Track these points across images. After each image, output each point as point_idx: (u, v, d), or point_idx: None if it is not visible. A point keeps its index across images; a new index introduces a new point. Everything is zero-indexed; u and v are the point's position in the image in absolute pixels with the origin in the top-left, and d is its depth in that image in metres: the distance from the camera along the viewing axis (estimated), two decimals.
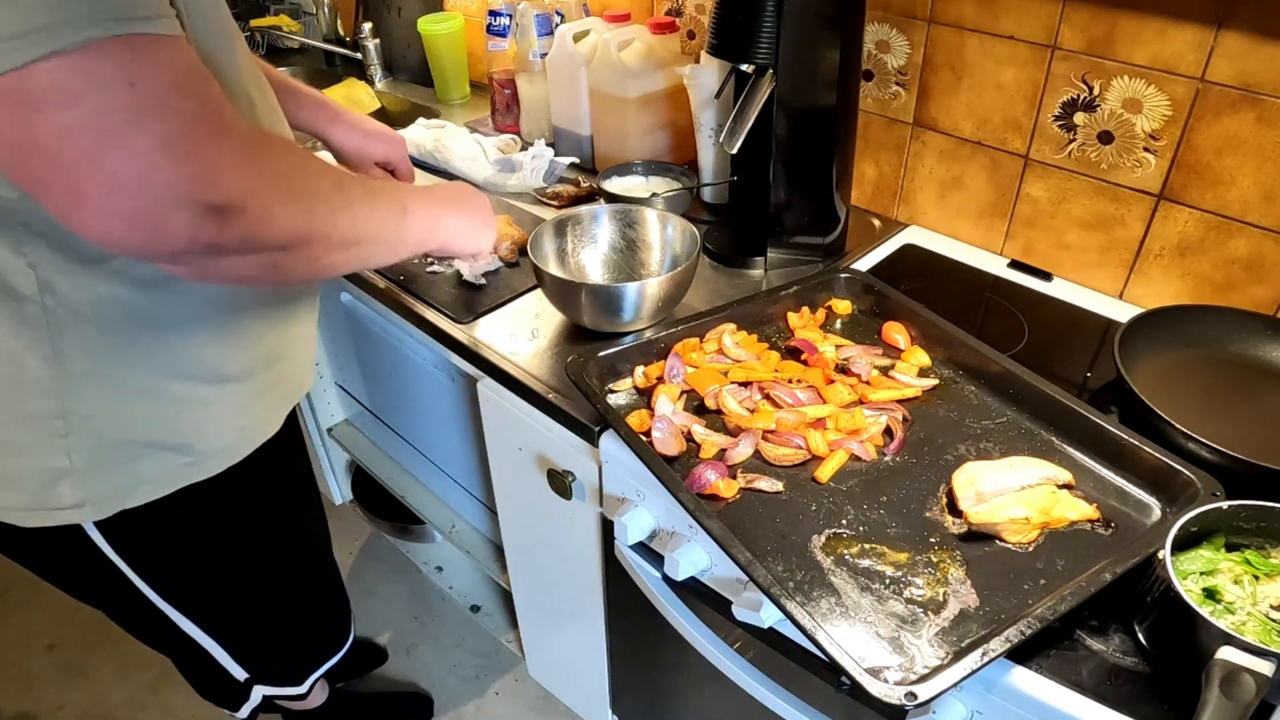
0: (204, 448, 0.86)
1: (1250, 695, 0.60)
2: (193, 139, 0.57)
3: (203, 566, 0.98)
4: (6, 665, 1.79)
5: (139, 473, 0.82)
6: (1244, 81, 0.97)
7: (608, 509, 1.01)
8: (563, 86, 1.50)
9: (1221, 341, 1.01)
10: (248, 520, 0.99)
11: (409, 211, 0.81)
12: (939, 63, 1.21)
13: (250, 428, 0.90)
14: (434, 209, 0.86)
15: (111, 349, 0.75)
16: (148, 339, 0.77)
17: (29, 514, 0.81)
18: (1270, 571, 0.70)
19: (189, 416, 0.83)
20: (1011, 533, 0.78)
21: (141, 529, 0.87)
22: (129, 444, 0.80)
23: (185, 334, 0.79)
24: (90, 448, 0.78)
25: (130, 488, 0.83)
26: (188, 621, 1.03)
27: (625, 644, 1.25)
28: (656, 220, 1.17)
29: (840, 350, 1.02)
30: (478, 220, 0.94)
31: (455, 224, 0.90)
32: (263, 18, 2.16)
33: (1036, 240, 1.23)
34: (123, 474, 0.81)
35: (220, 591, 1.03)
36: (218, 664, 1.11)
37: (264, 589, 1.08)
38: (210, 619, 1.05)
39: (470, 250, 0.95)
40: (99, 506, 0.82)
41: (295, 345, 0.95)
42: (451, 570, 1.91)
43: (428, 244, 0.87)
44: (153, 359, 0.78)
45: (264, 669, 1.17)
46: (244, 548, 1.01)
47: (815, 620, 0.69)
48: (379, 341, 1.50)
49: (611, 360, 1.00)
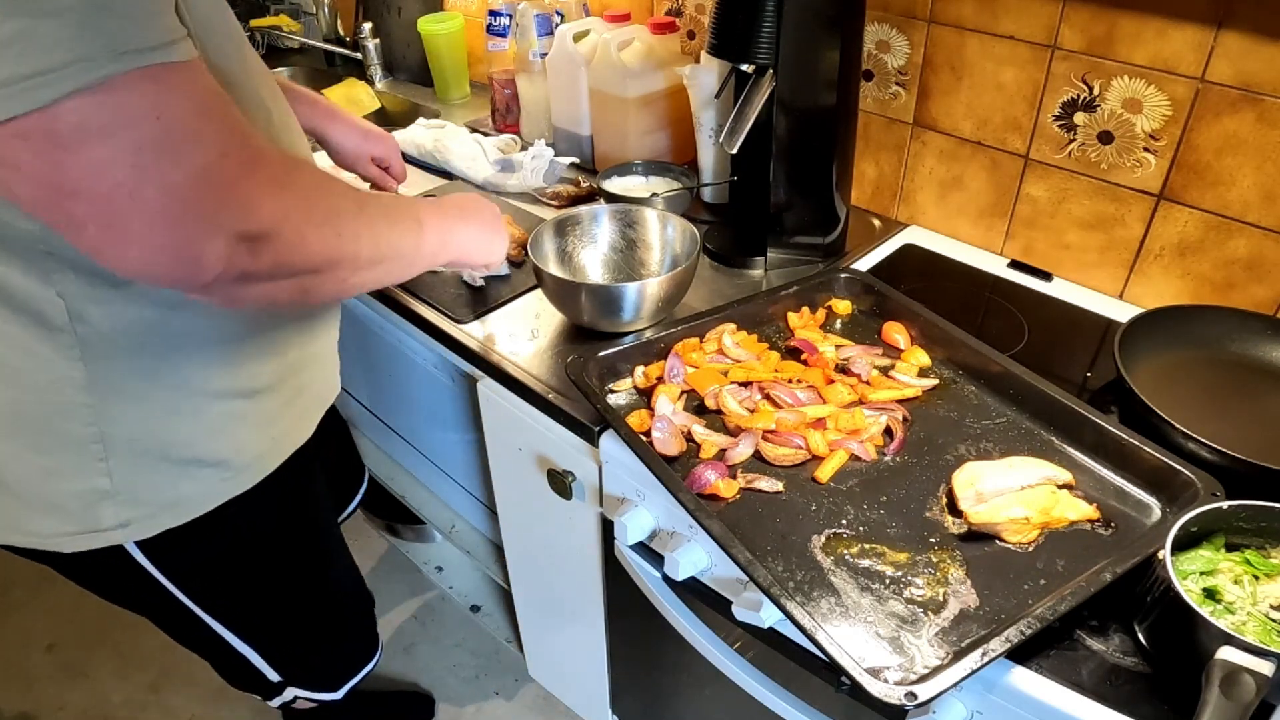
0: (239, 461, 0.85)
1: (1250, 695, 0.60)
2: (227, 166, 0.56)
3: (241, 577, 0.98)
4: (6, 665, 1.79)
5: (179, 491, 0.82)
6: (1244, 81, 0.97)
7: (608, 509, 1.01)
8: (563, 86, 1.50)
9: (1221, 341, 1.01)
10: (281, 529, 0.99)
11: (424, 225, 0.81)
12: (939, 63, 1.21)
13: (281, 437, 0.90)
14: (446, 222, 0.86)
15: (145, 371, 0.75)
16: (179, 358, 0.77)
17: (72, 538, 0.81)
18: (1270, 571, 0.70)
19: (224, 431, 0.83)
20: (1011, 533, 0.78)
21: (182, 545, 0.87)
22: (168, 463, 0.80)
23: (215, 350, 0.79)
24: (130, 468, 0.78)
25: (171, 506, 0.82)
26: (225, 629, 1.03)
27: (625, 644, 1.25)
28: (656, 220, 1.17)
29: (840, 350, 1.02)
30: (489, 230, 0.94)
31: (468, 236, 0.90)
32: (263, 18, 2.17)
33: (1036, 240, 1.23)
34: (163, 493, 0.81)
35: (258, 599, 1.03)
36: (253, 666, 1.11)
37: (298, 595, 1.08)
38: (246, 626, 1.05)
39: (483, 260, 0.95)
40: (141, 526, 0.82)
41: (321, 351, 0.95)
42: (451, 570, 1.91)
43: (442, 257, 0.87)
44: (185, 378, 0.78)
45: (298, 673, 1.18)
46: (279, 556, 1.01)
47: (815, 620, 0.69)
48: (379, 341, 1.50)
49: (611, 360, 1.00)
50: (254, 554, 0.97)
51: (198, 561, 0.92)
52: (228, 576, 0.97)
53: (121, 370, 0.74)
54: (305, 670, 1.19)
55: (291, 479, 0.94)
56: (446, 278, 1.22)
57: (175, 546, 0.87)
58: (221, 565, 0.95)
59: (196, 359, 0.78)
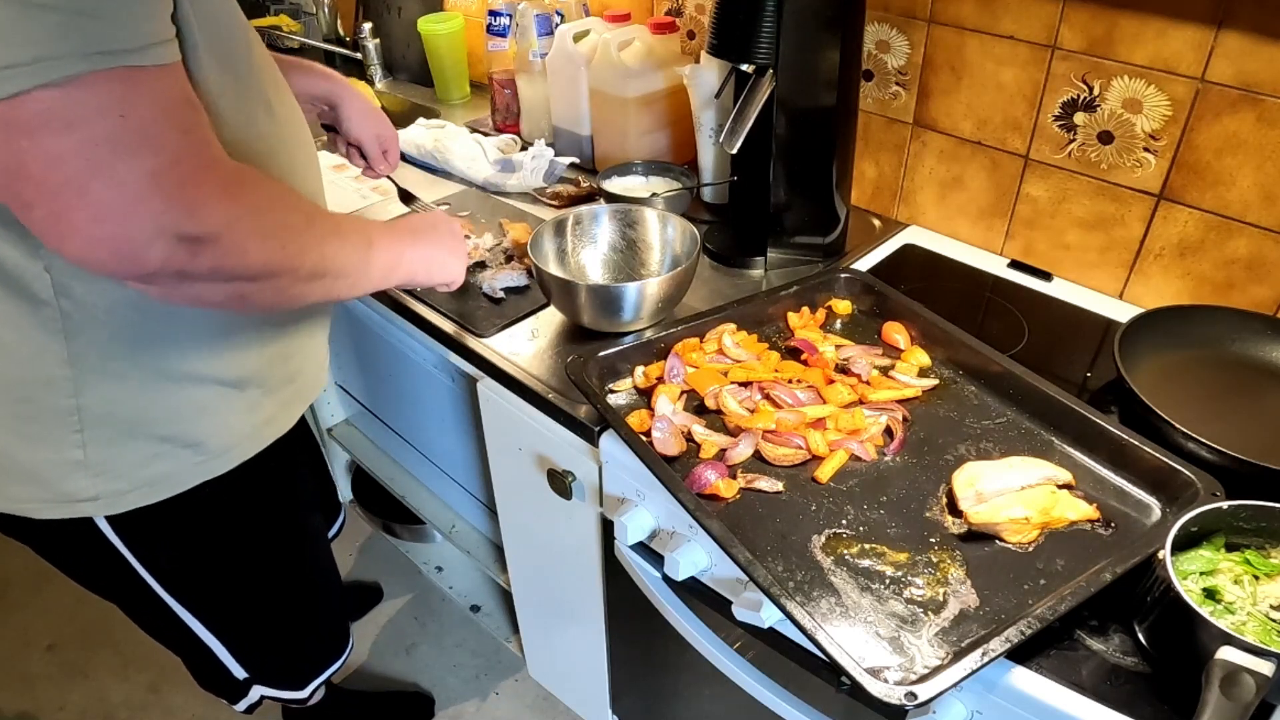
0: (216, 445, 0.87)
1: (1250, 695, 0.60)
2: (178, 172, 0.59)
3: (210, 562, 0.99)
4: (6, 665, 1.78)
5: (152, 470, 0.84)
6: (1244, 81, 0.97)
7: (608, 509, 1.01)
8: (563, 86, 1.50)
9: (1221, 341, 1.01)
10: (255, 518, 1.00)
11: (374, 246, 0.83)
12: (939, 63, 1.21)
13: (262, 425, 0.91)
14: (399, 244, 0.88)
15: (125, 350, 0.77)
16: (161, 340, 0.78)
17: (44, 505, 0.83)
18: (1270, 571, 0.70)
19: (202, 415, 0.84)
20: (1011, 533, 0.78)
21: (153, 526, 0.89)
22: (142, 440, 0.82)
23: (197, 336, 0.81)
24: (104, 443, 0.80)
25: (144, 484, 0.84)
26: (192, 617, 1.03)
27: (625, 644, 1.25)
28: (656, 220, 1.17)
29: (840, 350, 1.02)
30: (443, 250, 0.95)
31: (417, 257, 0.91)
32: (263, 18, 2.17)
33: (1036, 240, 1.23)
34: (136, 470, 0.83)
35: (225, 588, 1.03)
36: (218, 660, 1.11)
37: (269, 588, 1.09)
38: (214, 616, 1.06)
39: (438, 281, 0.96)
40: (111, 501, 0.84)
41: (307, 345, 0.95)
42: (451, 570, 1.91)
43: (395, 277, 0.88)
44: (166, 359, 0.79)
45: (264, 670, 1.18)
46: (250, 545, 1.02)
47: (815, 620, 0.69)
48: (379, 341, 1.51)
49: (611, 360, 1.00)
50: (227, 541, 0.98)
51: (168, 544, 0.93)
52: (199, 562, 0.98)
53: (102, 347, 0.76)
54: (271, 666, 1.18)
55: (271, 469, 0.95)
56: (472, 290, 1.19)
57: (147, 526, 0.88)
58: (193, 550, 0.96)
59: (178, 342, 0.79)
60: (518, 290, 1.19)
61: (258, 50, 0.77)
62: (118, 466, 0.82)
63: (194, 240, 0.60)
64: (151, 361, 0.79)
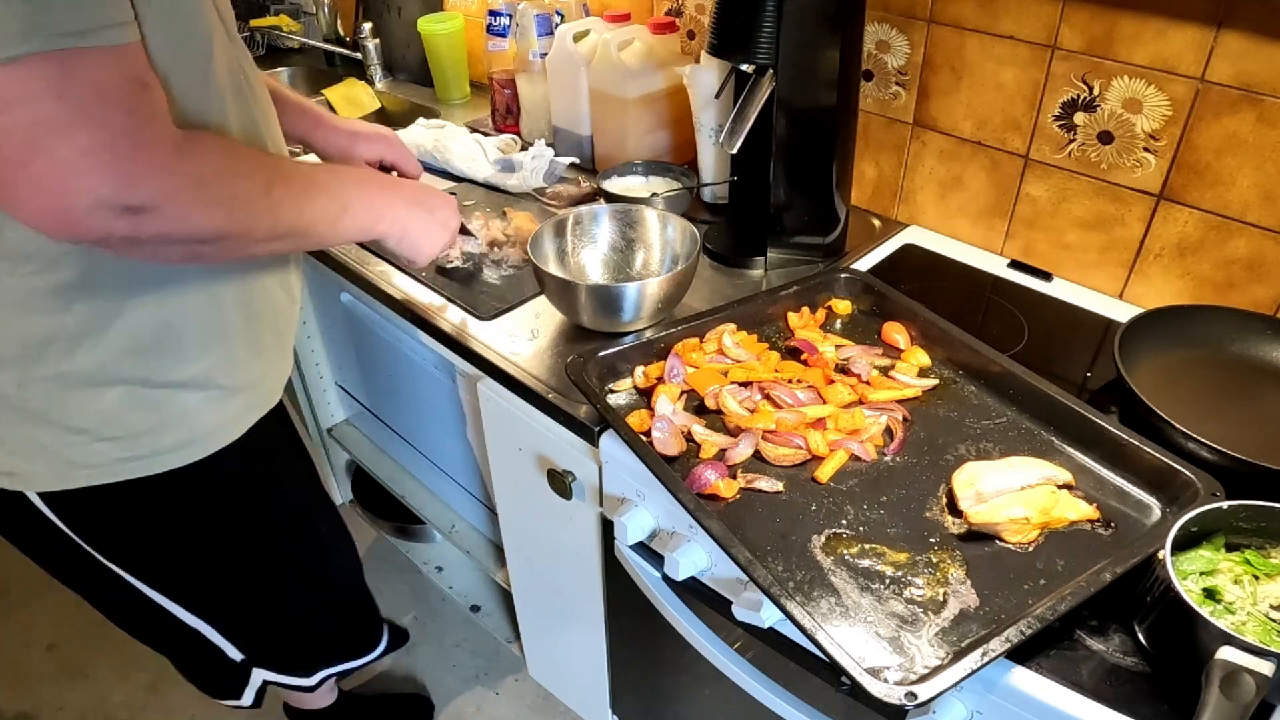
0: (149, 447, 0.85)
1: (1250, 695, 0.60)
2: (115, 150, 0.61)
3: (172, 547, 0.97)
4: (6, 665, 1.79)
5: (72, 458, 0.83)
6: (1244, 81, 0.97)
7: (608, 509, 1.01)
8: (563, 86, 1.50)
9: (1221, 341, 1.01)
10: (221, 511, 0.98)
11: (349, 210, 0.85)
12: (939, 63, 1.21)
13: (204, 436, 0.89)
14: (380, 207, 0.89)
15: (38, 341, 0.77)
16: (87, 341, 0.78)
17: None
18: (1270, 571, 0.70)
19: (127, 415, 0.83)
20: (1011, 533, 0.78)
21: (91, 507, 0.88)
22: (60, 429, 0.81)
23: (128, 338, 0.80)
24: (14, 423, 0.80)
25: (65, 471, 0.84)
26: (168, 600, 1.02)
27: (625, 644, 1.25)
28: (656, 220, 1.17)
29: (840, 350, 1.02)
30: (426, 234, 0.95)
31: (399, 225, 0.92)
32: (263, 18, 2.16)
33: (1036, 240, 1.23)
34: (53, 456, 0.82)
35: (199, 572, 1.01)
36: (212, 645, 1.09)
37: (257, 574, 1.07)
38: (192, 598, 1.04)
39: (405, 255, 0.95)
40: (29, 480, 0.84)
41: (263, 354, 0.93)
42: (451, 570, 1.91)
43: (366, 237, 0.90)
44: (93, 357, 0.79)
45: (261, 650, 1.16)
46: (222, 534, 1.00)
47: (815, 620, 0.69)
48: (379, 341, 1.50)
49: (611, 360, 1.00)
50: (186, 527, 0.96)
51: (114, 525, 0.92)
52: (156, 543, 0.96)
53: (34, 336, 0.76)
54: (270, 647, 1.17)
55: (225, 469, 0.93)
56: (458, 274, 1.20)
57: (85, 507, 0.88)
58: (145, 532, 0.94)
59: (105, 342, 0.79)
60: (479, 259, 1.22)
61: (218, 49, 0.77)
62: (32, 449, 0.82)
63: (135, 210, 0.63)
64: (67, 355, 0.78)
